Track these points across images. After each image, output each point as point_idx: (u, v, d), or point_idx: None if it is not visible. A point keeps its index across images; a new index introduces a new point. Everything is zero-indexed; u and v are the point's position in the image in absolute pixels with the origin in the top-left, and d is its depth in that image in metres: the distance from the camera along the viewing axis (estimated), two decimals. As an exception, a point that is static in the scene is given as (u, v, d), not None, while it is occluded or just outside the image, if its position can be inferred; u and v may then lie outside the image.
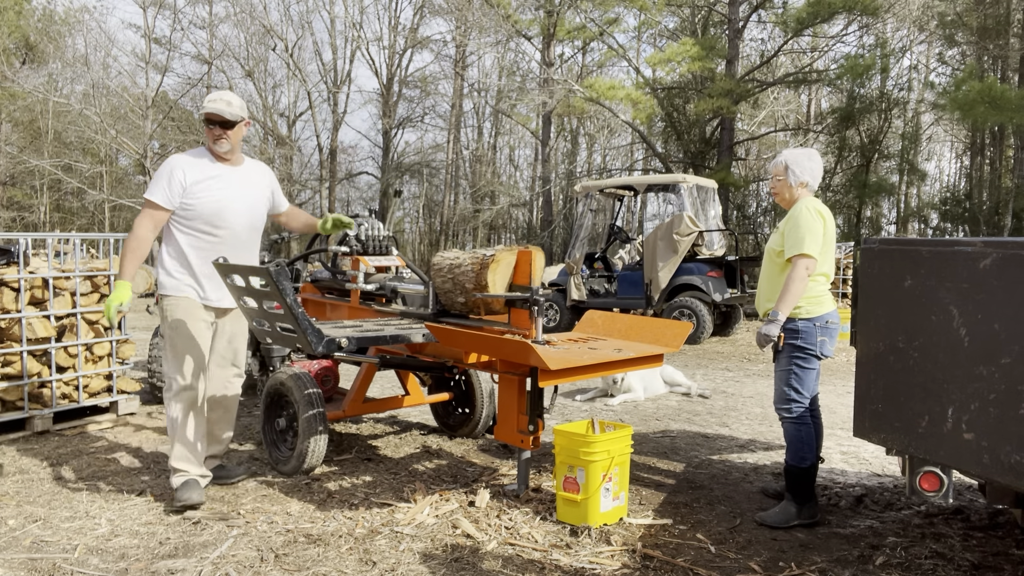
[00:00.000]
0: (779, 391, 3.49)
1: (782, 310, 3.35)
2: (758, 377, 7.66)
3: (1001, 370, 2.28)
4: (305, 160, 28.99)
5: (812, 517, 3.43)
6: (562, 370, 3.18)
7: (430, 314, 4.24)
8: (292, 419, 4.09)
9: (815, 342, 3.41)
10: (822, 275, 3.45)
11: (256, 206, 3.77)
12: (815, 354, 3.42)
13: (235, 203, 3.62)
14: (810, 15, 18.43)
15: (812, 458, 3.43)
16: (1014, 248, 2.28)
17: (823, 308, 3.44)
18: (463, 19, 23.53)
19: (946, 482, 2.57)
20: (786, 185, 3.57)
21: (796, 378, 3.43)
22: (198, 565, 2.89)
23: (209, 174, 3.57)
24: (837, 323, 3.51)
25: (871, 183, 22.03)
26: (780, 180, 3.60)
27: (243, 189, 3.68)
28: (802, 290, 3.35)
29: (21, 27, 26.44)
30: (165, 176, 3.51)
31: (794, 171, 3.54)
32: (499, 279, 3.94)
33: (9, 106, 25.64)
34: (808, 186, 3.56)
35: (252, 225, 3.75)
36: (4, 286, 4.68)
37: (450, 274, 4.11)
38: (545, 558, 2.99)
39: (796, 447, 3.44)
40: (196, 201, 3.52)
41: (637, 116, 20.29)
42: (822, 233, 3.40)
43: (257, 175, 3.81)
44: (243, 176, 3.71)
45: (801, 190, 3.56)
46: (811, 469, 3.43)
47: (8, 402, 4.76)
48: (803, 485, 3.42)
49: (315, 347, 3.57)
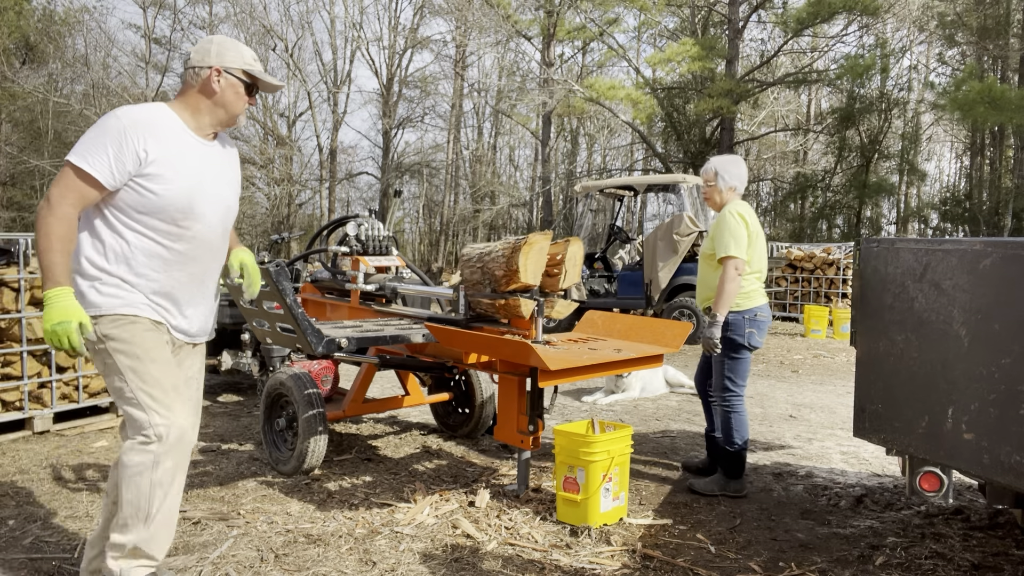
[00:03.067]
0: (716, 381, 3.82)
1: (720, 311, 3.65)
2: (758, 377, 7.66)
3: (1001, 370, 2.28)
4: (305, 160, 29.00)
5: (739, 492, 3.80)
6: (562, 370, 3.18)
7: (462, 319, 3.93)
8: (292, 419, 4.09)
9: (744, 333, 3.72)
10: (754, 273, 3.78)
11: (234, 199, 2.67)
12: (744, 345, 3.72)
13: (213, 192, 2.52)
14: (810, 15, 18.44)
15: (745, 441, 3.79)
16: (1014, 248, 2.28)
17: (752, 302, 3.76)
18: (463, 19, 23.54)
19: (946, 482, 2.57)
20: (717, 190, 3.89)
21: (730, 368, 3.76)
22: (198, 565, 2.89)
23: (181, 148, 2.44)
24: (767, 317, 3.81)
25: (871, 183, 22.04)
26: (711, 186, 3.91)
27: (222, 173, 2.59)
28: (735, 289, 3.65)
29: (21, 27, 26.42)
30: (113, 139, 2.32)
31: (723, 177, 3.87)
32: (531, 265, 3.55)
33: (9, 106, 25.63)
34: (736, 190, 3.90)
35: (227, 227, 2.64)
36: (4, 286, 4.68)
37: (479, 263, 3.78)
38: (545, 558, 2.99)
39: (729, 431, 3.78)
40: (162, 187, 2.38)
41: (637, 116, 20.29)
42: (746, 235, 3.70)
43: (233, 154, 2.71)
44: (221, 155, 2.61)
45: (730, 194, 3.89)
46: (743, 451, 3.79)
47: (8, 402, 4.76)
48: (735, 464, 3.79)
49: (315, 347, 3.57)
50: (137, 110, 2.41)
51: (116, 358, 2.38)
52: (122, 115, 2.37)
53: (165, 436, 2.37)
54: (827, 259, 13.16)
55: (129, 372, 2.38)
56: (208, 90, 2.48)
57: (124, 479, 2.37)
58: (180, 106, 2.50)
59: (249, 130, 28.17)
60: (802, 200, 25.17)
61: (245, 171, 28.25)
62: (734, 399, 3.78)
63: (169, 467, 2.39)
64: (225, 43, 2.51)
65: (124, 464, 2.37)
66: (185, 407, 2.48)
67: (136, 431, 2.38)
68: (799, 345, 10.23)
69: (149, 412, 2.37)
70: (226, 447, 4.66)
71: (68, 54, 26.27)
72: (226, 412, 5.68)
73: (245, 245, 3.23)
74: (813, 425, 5.49)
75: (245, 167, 27.94)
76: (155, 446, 2.36)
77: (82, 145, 2.32)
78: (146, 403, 2.37)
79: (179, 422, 2.40)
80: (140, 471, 2.36)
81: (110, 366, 2.40)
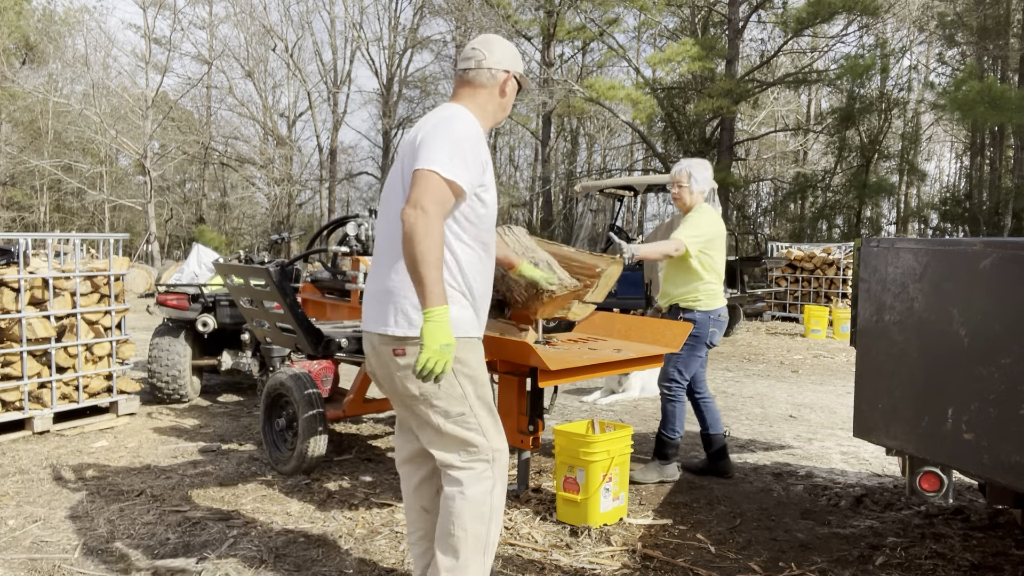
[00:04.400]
0: (665, 371, 3.98)
1: (641, 251, 3.83)
2: (758, 377, 7.66)
3: (1001, 370, 2.28)
4: (305, 160, 29.01)
5: (672, 476, 4.04)
6: (562, 370, 3.18)
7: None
8: (292, 419, 4.09)
9: (707, 332, 3.95)
10: (716, 274, 3.98)
11: None
12: (705, 342, 3.96)
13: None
14: (810, 15, 18.43)
15: (681, 431, 4.03)
16: (1014, 248, 2.28)
17: (717, 303, 3.98)
18: (463, 19, 23.53)
19: (946, 482, 2.57)
20: (688, 191, 4.02)
21: (683, 362, 3.95)
22: (198, 565, 2.89)
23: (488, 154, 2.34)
24: (727, 318, 4.07)
25: (871, 183, 22.02)
26: (683, 187, 4.02)
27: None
28: (659, 257, 3.95)
29: (21, 27, 26.43)
30: (470, 145, 2.20)
31: (696, 179, 4.01)
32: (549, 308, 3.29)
33: (9, 106, 25.64)
34: (703, 194, 4.05)
35: None
36: (4, 286, 4.68)
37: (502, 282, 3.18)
38: (545, 558, 2.99)
39: (670, 421, 4.00)
40: (490, 197, 2.30)
41: (637, 116, 20.29)
42: (713, 237, 3.93)
43: None
44: None
45: (699, 197, 4.04)
46: (678, 440, 4.05)
47: (8, 402, 4.76)
48: (673, 449, 4.04)
49: (314, 347, 3.57)
50: (467, 112, 2.30)
51: (462, 383, 2.26)
52: (469, 119, 2.26)
53: (500, 459, 2.32)
54: (827, 259, 13.16)
55: (473, 398, 2.28)
56: (503, 92, 2.40)
57: (468, 514, 2.26)
58: (472, 106, 2.36)
59: (249, 130, 28.22)
60: (802, 200, 25.16)
61: (245, 171, 28.31)
62: (679, 389, 4.01)
63: (500, 491, 2.33)
64: (511, 47, 2.46)
65: (469, 498, 2.26)
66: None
67: (474, 458, 2.28)
68: (799, 345, 10.23)
69: (489, 437, 2.30)
70: (226, 447, 4.66)
71: (68, 54, 26.27)
72: (226, 412, 5.68)
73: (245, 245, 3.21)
74: (813, 425, 5.49)
75: (245, 167, 27.99)
76: (492, 471, 2.30)
77: (440, 151, 2.14)
78: (487, 428, 2.30)
79: (504, 449, 2.35)
80: (483, 499, 2.28)
81: (453, 390, 2.25)
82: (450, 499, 2.29)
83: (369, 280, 2.38)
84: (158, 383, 5.78)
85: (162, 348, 5.77)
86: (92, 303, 5.17)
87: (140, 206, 25.17)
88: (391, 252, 2.25)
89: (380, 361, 2.30)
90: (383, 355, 2.27)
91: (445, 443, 2.29)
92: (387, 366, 2.27)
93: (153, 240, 23.77)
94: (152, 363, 5.80)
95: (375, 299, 2.30)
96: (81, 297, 5.06)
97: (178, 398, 5.85)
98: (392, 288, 2.24)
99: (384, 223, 2.33)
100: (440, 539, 2.32)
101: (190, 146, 26.40)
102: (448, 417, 2.26)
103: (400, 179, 2.27)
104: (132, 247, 24.17)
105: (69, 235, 5.54)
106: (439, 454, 2.31)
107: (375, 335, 2.28)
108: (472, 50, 2.40)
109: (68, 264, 5.20)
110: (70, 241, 6.47)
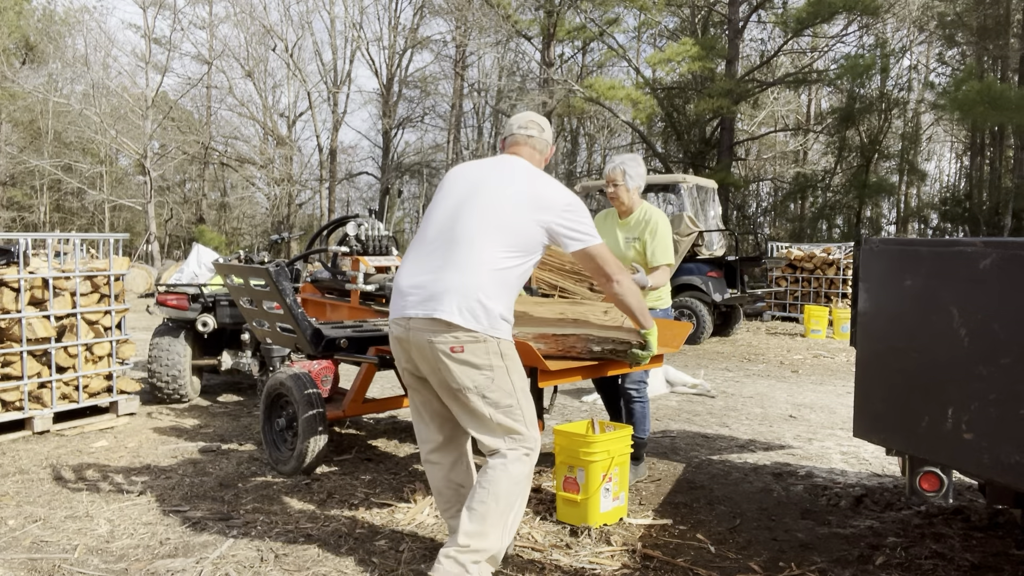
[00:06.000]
0: (635, 374, 3.93)
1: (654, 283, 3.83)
2: (758, 377, 7.66)
3: (1001, 370, 2.28)
4: (305, 160, 29.01)
5: (643, 475, 4.07)
6: (562, 370, 3.18)
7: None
8: (292, 419, 4.09)
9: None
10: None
11: None
12: None
13: None
14: (810, 15, 18.44)
15: (649, 430, 4.07)
16: (1014, 248, 2.28)
17: (670, 299, 4.13)
18: (463, 19, 23.53)
19: (946, 482, 2.57)
20: (625, 190, 3.93)
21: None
22: (198, 565, 2.89)
23: None
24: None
25: (871, 183, 22.03)
26: (619, 186, 3.92)
27: None
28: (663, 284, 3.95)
29: (21, 27, 26.45)
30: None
31: (631, 176, 3.91)
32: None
33: (9, 106, 25.64)
34: (640, 189, 3.99)
35: None
36: (4, 286, 4.68)
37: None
38: (545, 558, 2.99)
39: (645, 421, 3.99)
40: None
41: (637, 116, 20.29)
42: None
43: None
44: None
45: (636, 194, 3.97)
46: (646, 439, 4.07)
47: (8, 402, 4.76)
48: (642, 451, 4.03)
49: (314, 347, 3.57)
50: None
51: (513, 378, 2.59)
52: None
53: (537, 449, 2.65)
54: (827, 259, 13.16)
55: (520, 392, 2.62)
56: (545, 160, 2.97)
57: (504, 485, 2.53)
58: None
59: (249, 130, 28.22)
60: (802, 200, 25.17)
61: (245, 171, 28.32)
62: (646, 389, 4.00)
63: (530, 481, 2.66)
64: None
65: (511, 471, 2.54)
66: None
67: (519, 444, 2.59)
68: (799, 345, 10.24)
69: (531, 428, 2.63)
70: (226, 447, 4.66)
71: (68, 54, 26.27)
72: (226, 412, 5.68)
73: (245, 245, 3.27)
74: (813, 425, 5.49)
75: (245, 167, 28.00)
76: (532, 457, 2.62)
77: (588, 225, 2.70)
78: (530, 420, 2.63)
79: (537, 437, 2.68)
80: (519, 479, 2.57)
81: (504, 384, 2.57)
82: (492, 468, 2.56)
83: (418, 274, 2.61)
84: (158, 383, 5.78)
85: (162, 348, 5.77)
86: (92, 303, 5.17)
87: (140, 206, 25.18)
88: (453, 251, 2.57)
89: (432, 353, 2.52)
90: (440, 346, 2.50)
91: (492, 431, 2.58)
92: (442, 359, 2.51)
93: (153, 240, 23.78)
94: (152, 363, 5.81)
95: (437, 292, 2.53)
96: (81, 297, 5.06)
97: (178, 398, 5.85)
98: (458, 286, 2.51)
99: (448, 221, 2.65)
100: (471, 504, 2.56)
101: (190, 146, 26.40)
102: (498, 408, 2.55)
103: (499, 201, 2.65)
104: (132, 247, 24.18)
105: (69, 235, 5.54)
106: (487, 439, 2.59)
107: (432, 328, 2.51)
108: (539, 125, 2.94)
109: (68, 264, 5.20)
110: (70, 241, 6.47)
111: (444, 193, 2.76)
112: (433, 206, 2.77)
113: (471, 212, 2.63)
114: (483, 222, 2.60)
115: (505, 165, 2.79)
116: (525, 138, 2.90)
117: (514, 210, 2.62)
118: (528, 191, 2.67)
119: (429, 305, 2.52)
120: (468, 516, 2.55)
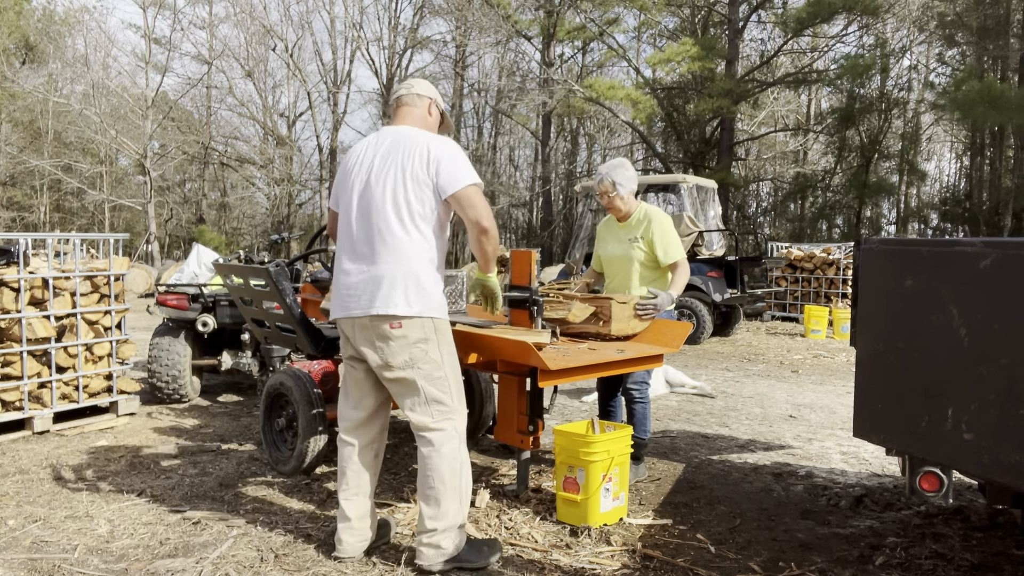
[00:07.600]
0: (638, 374, 3.94)
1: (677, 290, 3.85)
2: (758, 377, 7.66)
3: (1001, 370, 2.28)
4: (305, 160, 29.03)
5: (642, 475, 4.09)
6: (562, 370, 3.18)
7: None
8: (292, 419, 4.09)
9: None
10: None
11: None
12: None
13: None
14: (810, 15, 18.44)
15: (650, 430, 4.09)
16: (1014, 248, 2.28)
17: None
18: (463, 19, 23.54)
19: (946, 482, 2.57)
20: (619, 197, 3.96)
21: None
22: (198, 565, 2.89)
23: None
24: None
25: (871, 183, 22.03)
26: (612, 195, 3.95)
27: None
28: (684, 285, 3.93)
29: (21, 27, 26.46)
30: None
31: (621, 183, 3.93)
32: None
33: (9, 106, 25.65)
34: (634, 191, 4.00)
35: None
36: (4, 286, 4.68)
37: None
38: (545, 558, 2.99)
39: (646, 421, 4.01)
40: None
41: (637, 116, 20.30)
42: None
43: None
44: None
45: (630, 197, 3.99)
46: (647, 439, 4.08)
47: (8, 402, 4.76)
48: (642, 452, 4.05)
49: (314, 347, 3.57)
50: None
51: (442, 352, 2.83)
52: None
53: (462, 418, 2.87)
54: (827, 259, 13.15)
55: (447, 366, 2.83)
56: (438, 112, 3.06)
57: (445, 468, 2.76)
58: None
59: (249, 130, 28.23)
60: (802, 200, 25.18)
61: (245, 171, 28.32)
62: (647, 390, 4.02)
63: (464, 446, 2.85)
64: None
65: (444, 454, 2.77)
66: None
67: (444, 416, 2.80)
68: (799, 345, 10.24)
69: (455, 399, 2.85)
70: (226, 447, 4.66)
71: (68, 54, 26.29)
72: (226, 412, 5.68)
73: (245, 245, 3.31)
74: (813, 425, 5.49)
75: (245, 167, 28.00)
76: (456, 429, 2.82)
77: (467, 167, 2.77)
78: (455, 391, 2.85)
79: (465, 407, 2.91)
80: (454, 455, 2.78)
81: (433, 356, 2.80)
82: (428, 458, 2.79)
83: (349, 271, 2.80)
84: (158, 383, 5.78)
85: (162, 348, 5.77)
86: (92, 303, 5.17)
87: (140, 206, 25.19)
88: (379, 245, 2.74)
89: (376, 334, 2.74)
90: (379, 329, 2.73)
91: (422, 403, 2.79)
92: (382, 338, 2.74)
93: (153, 240, 23.79)
94: (152, 363, 5.80)
95: (367, 285, 2.74)
96: (81, 297, 5.06)
97: (178, 398, 5.85)
98: (388, 274, 2.72)
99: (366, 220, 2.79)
100: (423, 494, 2.81)
101: (190, 146, 26.42)
102: (429, 380, 2.78)
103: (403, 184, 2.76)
104: (132, 247, 24.19)
105: (69, 235, 5.54)
106: (416, 418, 2.80)
107: (371, 314, 2.72)
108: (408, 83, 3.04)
109: (68, 264, 5.20)
110: (70, 241, 6.46)
111: (351, 180, 2.85)
112: (341, 189, 2.90)
113: (383, 199, 2.75)
114: (396, 208, 2.74)
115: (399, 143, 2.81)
116: (413, 98, 2.99)
117: (420, 189, 2.74)
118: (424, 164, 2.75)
119: (372, 304, 2.73)
120: (425, 503, 2.79)
